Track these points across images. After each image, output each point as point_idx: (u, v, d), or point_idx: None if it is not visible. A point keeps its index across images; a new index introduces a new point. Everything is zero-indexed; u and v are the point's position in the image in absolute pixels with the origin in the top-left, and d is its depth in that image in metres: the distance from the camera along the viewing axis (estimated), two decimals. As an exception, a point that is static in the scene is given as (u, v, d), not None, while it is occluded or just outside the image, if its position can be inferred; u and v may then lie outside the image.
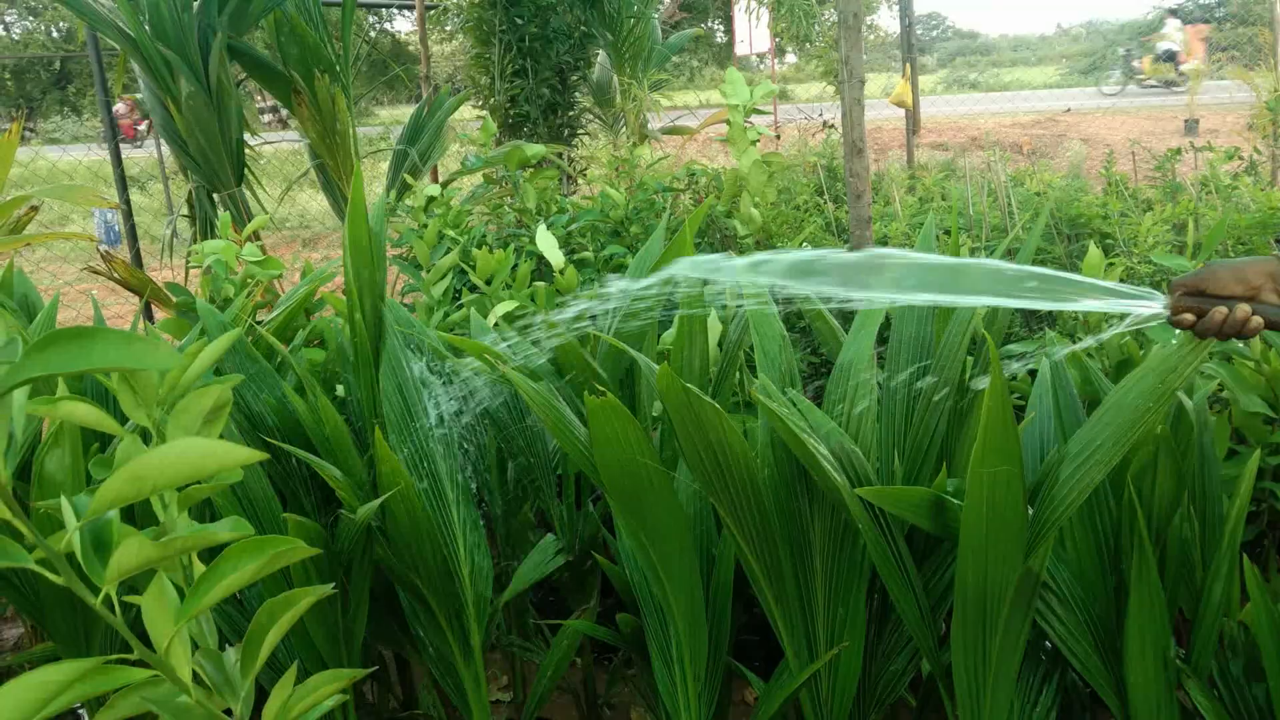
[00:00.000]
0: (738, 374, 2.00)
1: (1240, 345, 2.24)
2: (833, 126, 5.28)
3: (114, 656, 0.66)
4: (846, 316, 2.65)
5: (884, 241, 3.00)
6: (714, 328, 2.13)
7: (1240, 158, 3.41)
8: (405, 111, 4.19)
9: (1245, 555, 1.36)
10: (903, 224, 3.13)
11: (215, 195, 3.77)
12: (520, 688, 1.95)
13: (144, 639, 0.71)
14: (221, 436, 1.48)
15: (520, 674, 1.95)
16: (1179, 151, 3.31)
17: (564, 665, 1.67)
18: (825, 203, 3.67)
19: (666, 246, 1.82)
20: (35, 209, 2.95)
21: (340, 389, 2.11)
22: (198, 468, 0.60)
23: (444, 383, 1.70)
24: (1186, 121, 11.23)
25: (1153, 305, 1.11)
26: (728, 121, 3.36)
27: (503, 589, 1.72)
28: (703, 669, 1.42)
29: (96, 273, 3.23)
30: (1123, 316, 1.13)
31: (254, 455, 0.61)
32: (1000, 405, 1.12)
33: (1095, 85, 17.48)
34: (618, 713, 2.11)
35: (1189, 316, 1.10)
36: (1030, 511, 1.24)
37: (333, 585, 0.82)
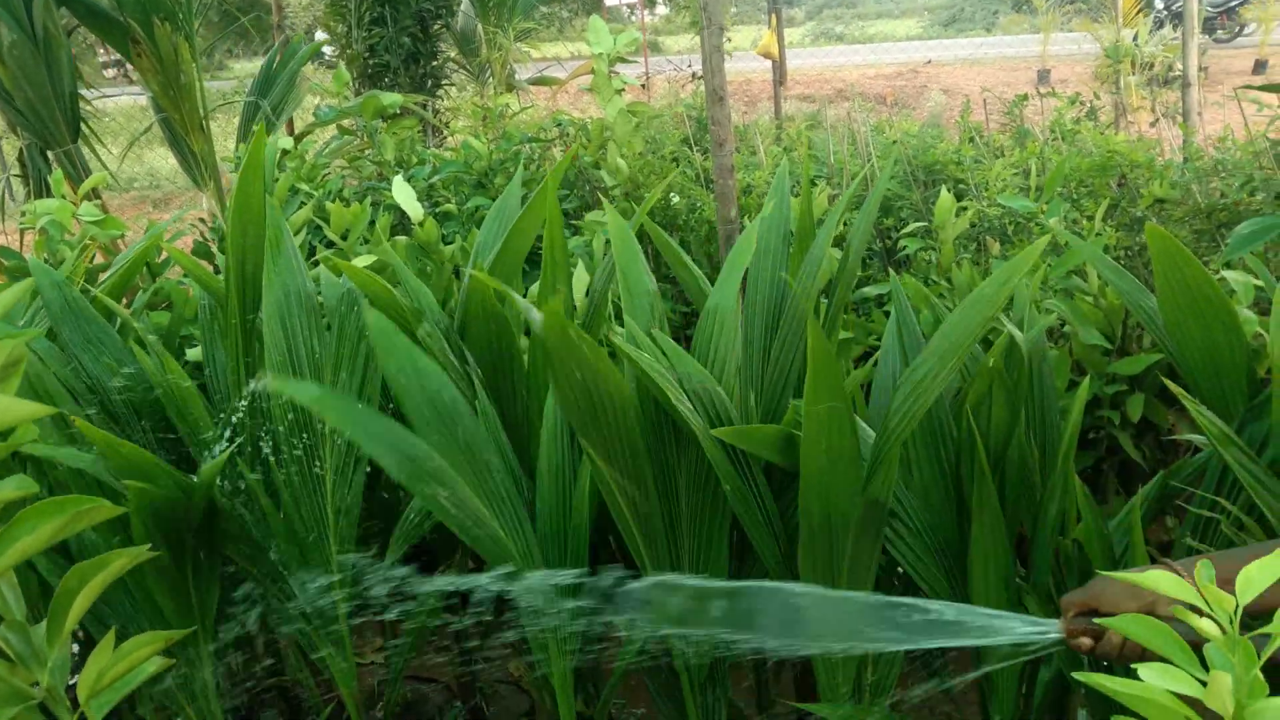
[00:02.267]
0: (605, 324, 1.99)
1: (1079, 282, 2.36)
2: (702, 78, 5.27)
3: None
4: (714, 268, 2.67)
5: (747, 190, 3.03)
6: (580, 279, 2.12)
7: (1082, 103, 3.56)
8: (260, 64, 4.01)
9: (1082, 480, 1.44)
10: (766, 173, 3.17)
11: (50, 153, 3.53)
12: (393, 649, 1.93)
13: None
14: (49, 400, 1.40)
15: (393, 635, 1.92)
16: (1026, 97, 3.44)
17: (432, 619, 1.65)
18: (693, 153, 3.68)
19: (528, 205, 1.78)
20: None
21: (191, 353, 2.02)
22: (-22, 426, 0.56)
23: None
24: (1039, 72, 11.71)
25: (1049, 632, 1.02)
26: (593, 70, 3.33)
27: (368, 548, 1.68)
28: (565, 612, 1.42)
29: (-83, 238, 3.00)
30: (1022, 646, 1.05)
31: (40, 410, 0.57)
32: (821, 345, 1.14)
33: (955, 37, 17.91)
34: (495, 665, 2.11)
35: (1086, 641, 1.01)
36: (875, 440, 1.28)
37: (149, 547, 0.78)
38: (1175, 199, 2.75)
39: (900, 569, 1.48)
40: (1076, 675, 0.64)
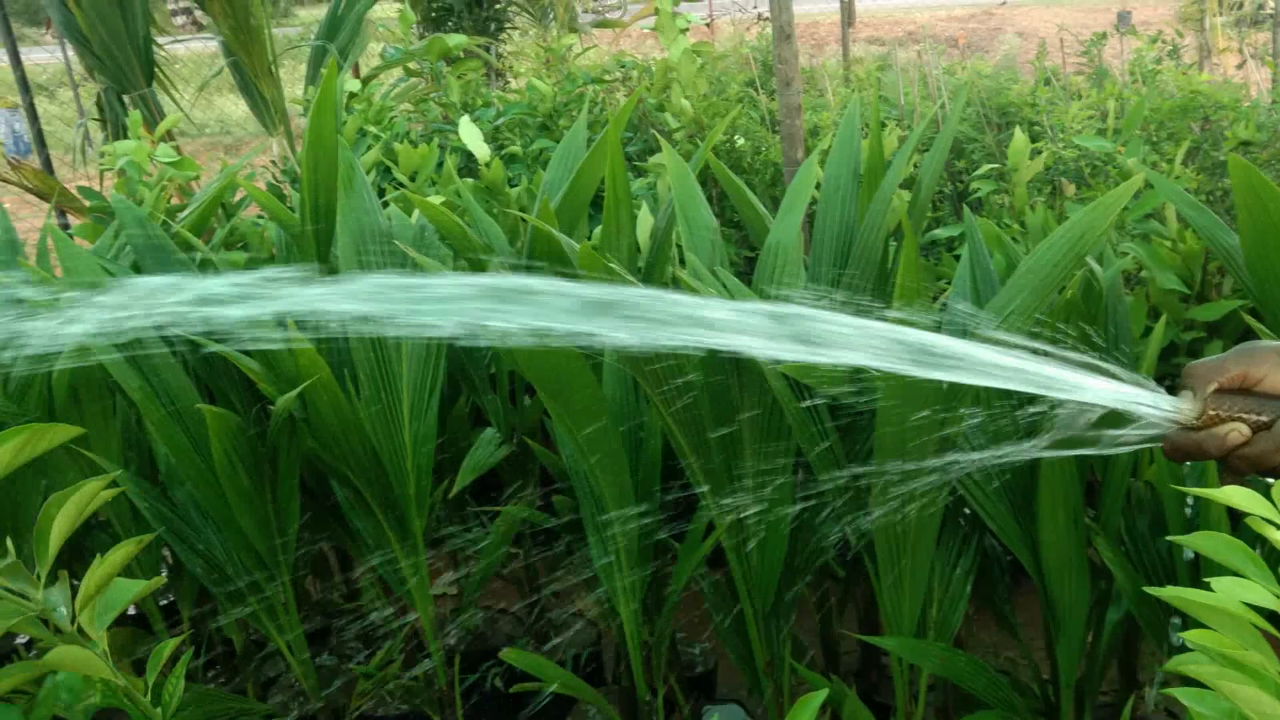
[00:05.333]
0: (669, 266, 1.99)
1: (1157, 225, 2.29)
2: (768, 18, 5.18)
3: None
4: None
5: (814, 131, 2.99)
6: (645, 220, 2.12)
7: (1164, 42, 3.43)
8: (325, 11, 4.04)
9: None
10: (833, 114, 3.12)
11: (125, 97, 3.61)
12: (464, 579, 1.98)
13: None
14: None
15: (465, 568, 1.98)
16: (1104, 36, 3.33)
17: (501, 549, 1.70)
18: (758, 94, 3.63)
19: (593, 147, 1.78)
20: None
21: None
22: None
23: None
24: (1120, 14, 11.27)
25: (1159, 406, 0.71)
26: (657, 10, 3.29)
27: (440, 481, 1.73)
28: (635, 544, 1.45)
29: (6, 181, 3.10)
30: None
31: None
32: (912, 276, 1.13)
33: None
34: (562, 598, 2.16)
35: (1239, 431, 0.68)
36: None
37: (119, 472, 0.81)
38: (1261, 141, 2.65)
39: (967, 509, 1.48)
40: (1149, 590, 0.64)
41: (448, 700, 1.64)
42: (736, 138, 3.00)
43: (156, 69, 3.73)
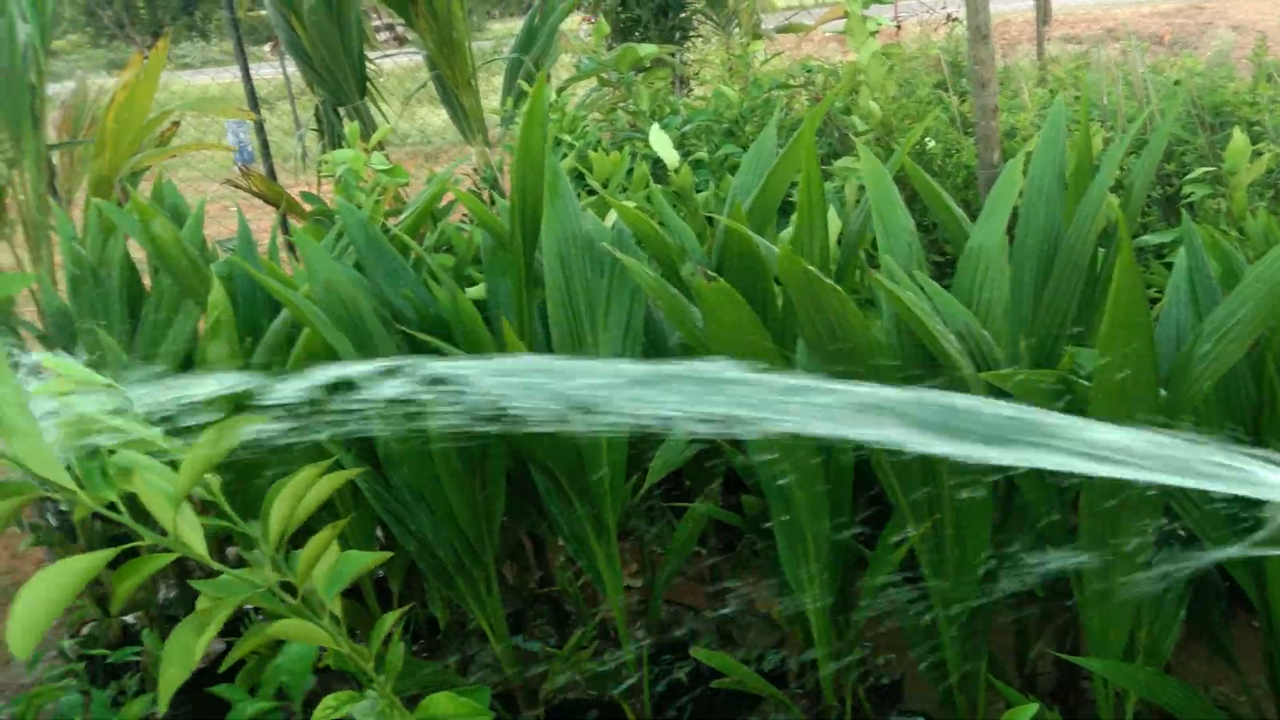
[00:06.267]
0: (858, 270, 1.98)
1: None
2: (957, 19, 5.03)
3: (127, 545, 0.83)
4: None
5: (1010, 133, 2.89)
6: (833, 224, 2.11)
7: None
8: (517, 24, 4.23)
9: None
10: (1031, 114, 3.01)
11: (341, 109, 3.88)
12: (650, 574, 2.03)
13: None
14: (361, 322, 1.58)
15: (649, 562, 2.03)
16: (1341, 27, 3.06)
17: (690, 545, 1.73)
18: (949, 96, 3.54)
19: (784, 149, 1.79)
20: (176, 124, 3.11)
21: (472, 291, 2.19)
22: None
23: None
24: (1353, 0, 10.28)
25: None
26: (845, 13, 3.26)
27: (629, 477, 1.78)
28: (825, 549, 1.46)
29: (236, 186, 3.39)
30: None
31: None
32: (1130, 280, 1.09)
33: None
34: (741, 599, 2.18)
35: None
36: (1164, 395, 1.22)
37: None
38: None
39: (1182, 530, 1.41)
40: None
41: (636, 690, 1.69)
42: (927, 140, 2.94)
43: (368, 82, 3.99)
